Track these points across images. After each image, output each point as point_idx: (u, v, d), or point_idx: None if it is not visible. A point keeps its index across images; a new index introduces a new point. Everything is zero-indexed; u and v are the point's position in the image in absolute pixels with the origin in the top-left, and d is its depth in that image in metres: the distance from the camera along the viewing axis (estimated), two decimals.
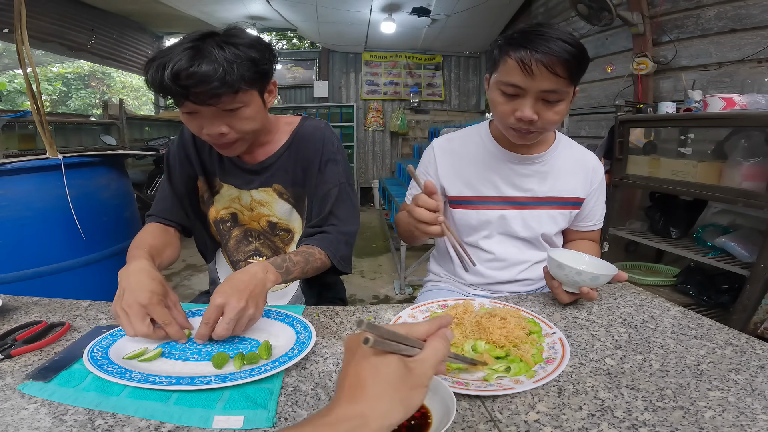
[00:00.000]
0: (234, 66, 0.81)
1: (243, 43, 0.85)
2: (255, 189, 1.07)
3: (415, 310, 0.85)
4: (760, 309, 1.66)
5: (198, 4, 4.90)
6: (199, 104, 0.83)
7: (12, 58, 6.07)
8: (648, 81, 2.87)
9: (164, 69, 0.78)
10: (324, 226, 1.03)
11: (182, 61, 0.78)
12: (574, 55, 0.86)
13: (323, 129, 1.08)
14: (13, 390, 0.60)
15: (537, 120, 0.92)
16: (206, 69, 0.78)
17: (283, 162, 1.06)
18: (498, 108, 0.97)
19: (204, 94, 0.80)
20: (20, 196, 1.54)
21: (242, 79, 0.83)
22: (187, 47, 0.80)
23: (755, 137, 1.80)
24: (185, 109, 0.87)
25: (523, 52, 0.87)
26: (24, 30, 1.57)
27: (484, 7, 4.71)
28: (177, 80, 0.78)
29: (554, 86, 0.88)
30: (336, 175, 1.05)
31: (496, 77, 0.96)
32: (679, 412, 0.55)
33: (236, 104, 0.86)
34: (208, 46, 0.80)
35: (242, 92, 0.85)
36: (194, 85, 0.79)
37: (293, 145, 1.06)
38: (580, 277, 0.85)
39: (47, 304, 0.91)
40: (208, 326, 0.71)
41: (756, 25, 2.23)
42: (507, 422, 0.54)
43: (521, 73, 0.88)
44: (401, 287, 3.21)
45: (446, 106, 6.91)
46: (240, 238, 1.13)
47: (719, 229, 2.05)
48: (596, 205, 1.16)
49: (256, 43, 0.88)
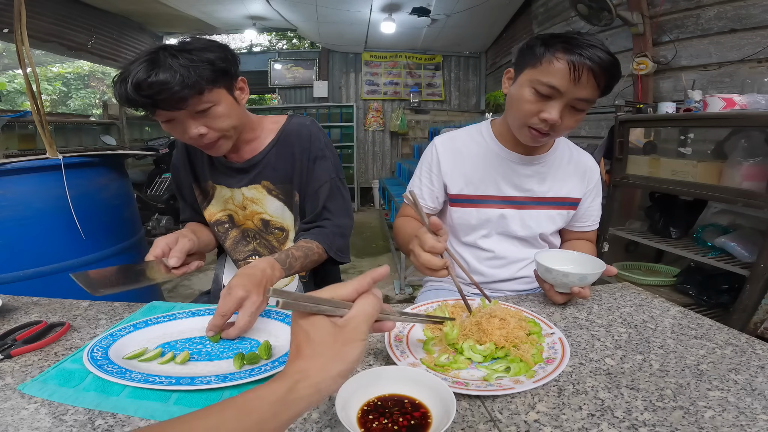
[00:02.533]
0: (190, 69, 0.85)
1: (196, 48, 0.89)
2: (245, 186, 1.10)
3: (415, 310, 0.85)
4: (760, 309, 1.66)
5: (198, 4, 4.90)
6: (170, 110, 0.88)
7: (12, 58, 6.07)
8: (648, 81, 2.87)
9: (126, 82, 0.83)
10: (319, 221, 1.07)
11: (140, 73, 0.82)
12: (616, 67, 0.87)
13: (309, 126, 1.10)
14: (13, 390, 0.60)
15: (559, 124, 0.91)
16: (163, 77, 0.82)
17: (271, 159, 1.09)
18: (523, 106, 0.93)
19: (170, 100, 0.85)
20: (20, 196, 1.54)
21: (201, 78, 0.86)
22: (144, 60, 0.84)
23: (755, 137, 1.79)
24: (161, 118, 0.91)
25: (576, 56, 0.85)
26: (24, 30, 1.57)
27: (483, 8, 4.72)
28: (140, 91, 0.83)
29: (590, 95, 0.88)
30: (326, 171, 1.08)
31: (532, 74, 0.91)
32: (678, 412, 0.55)
33: (205, 104, 0.90)
34: (162, 57, 0.85)
35: (208, 92, 0.89)
36: (157, 93, 0.83)
37: (280, 143, 1.09)
38: (568, 279, 0.86)
39: (47, 304, 0.91)
40: (225, 318, 0.73)
41: (756, 25, 2.23)
42: (507, 422, 0.54)
43: (568, 77, 0.86)
44: (401, 287, 3.21)
45: (446, 106, 6.92)
46: (238, 239, 1.15)
47: (719, 229, 2.05)
48: (592, 205, 1.16)
49: (210, 45, 0.92)
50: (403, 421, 0.50)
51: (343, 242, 1.09)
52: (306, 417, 0.55)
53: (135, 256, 1.95)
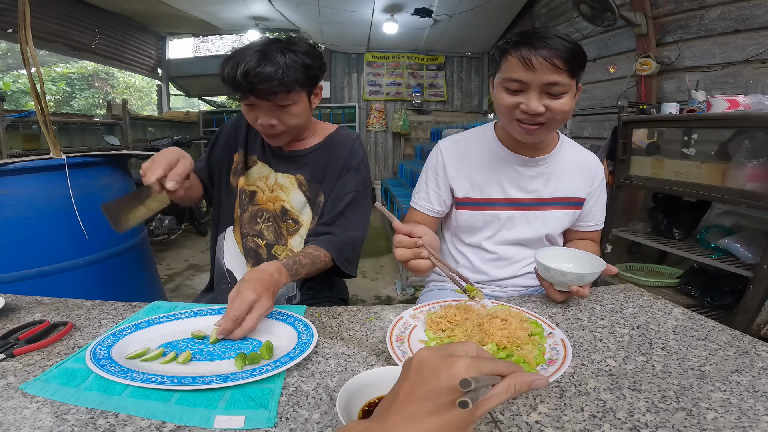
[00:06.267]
0: (291, 69, 0.95)
1: (301, 50, 0.99)
2: (281, 173, 1.17)
3: (417, 310, 0.85)
4: (764, 310, 1.66)
5: (201, 5, 4.92)
6: (260, 98, 0.98)
7: (16, 58, 6.11)
8: (651, 81, 2.86)
9: (237, 67, 0.93)
10: (332, 227, 1.09)
11: (252, 62, 0.93)
12: (570, 49, 0.90)
13: (354, 140, 1.19)
14: (16, 389, 0.60)
15: (543, 112, 0.94)
16: (270, 70, 0.93)
17: (312, 158, 1.16)
18: (503, 104, 0.98)
19: (265, 91, 0.95)
20: (24, 196, 1.54)
21: (296, 80, 0.97)
22: (257, 50, 0.95)
23: (759, 138, 1.79)
24: (247, 102, 1.01)
25: (522, 48, 0.91)
26: (28, 30, 1.58)
27: (486, 8, 4.71)
28: (246, 77, 0.93)
29: (556, 78, 0.91)
30: (355, 182, 1.14)
31: (499, 77, 0.98)
32: (681, 413, 0.55)
33: (288, 101, 1.00)
34: (273, 51, 0.95)
35: (294, 92, 1.00)
36: (259, 83, 0.94)
37: (324, 147, 1.17)
38: (566, 278, 0.87)
39: (50, 303, 0.92)
40: (237, 322, 0.74)
41: (760, 25, 2.22)
42: (508, 423, 0.54)
43: (523, 67, 0.91)
44: (403, 288, 3.21)
45: (448, 106, 6.91)
46: (253, 215, 1.20)
47: (723, 230, 2.04)
48: (596, 205, 1.16)
49: (311, 51, 1.03)
50: None
51: (353, 254, 1.12)
52: (307, 417, 0.55)
53: (138, 257, 1.96)
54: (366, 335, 0.78)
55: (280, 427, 0.54)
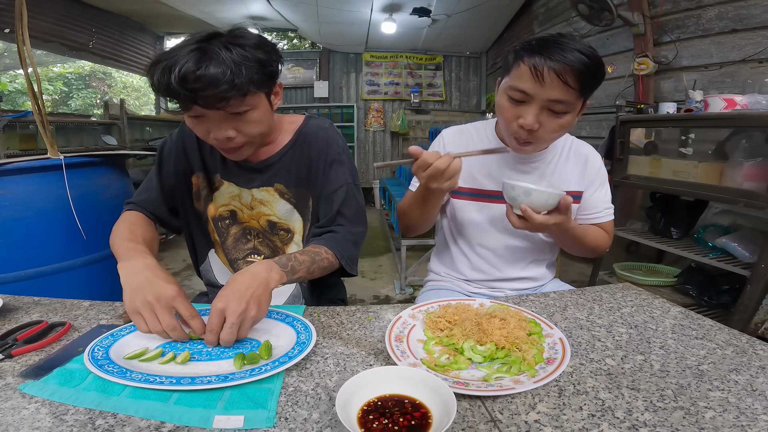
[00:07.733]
0: (242, 68, 0.78)
1: (249, 43, 0.82)
2: (256, 188, 1.05)
3: (415, 310, 0.85)
4: (761, 309, 1.66)
5: (199, 5, 4.91)
6: (207, 108, 0.81)
7: (13, 58, 6.08)
8: (649, 81, 2.87)
9: (170, 72, 0.75)
10: (332, 226, 1.01)
11: (189, 64, 0.75)
12: (588, 66, 0.85)
13: (327, 129, 1.06)
14: (14, 390, 0.60)
15: (537, 130, 0.92)
16: (214, 71, 0.76)
17: (286, 161, 1.04)
18: (503, 113, 0.96)
19: (212, 98, 0.78)
20: (21, 196, 1.54)
21: (251, 81, 0.80)
22: (193, 49, 0.77)
23: (756, 137, 1.79)
24: (192, 113, 0.84)
25: (537, 58, 0.86)
26: (25, 30, 1.58)
27: (484, 8, 4.71)
28: (185, 84, 0.76)
29: (562, 96, 0.87)
30: (342, 175, 1.03)
31: (506, 81, 0.95)
32: (679, 412, 0.55)
33: (244, 107, 0.84)
34: (214, 47, 0.78)
35: (250, 95, 0.83)
36: (202, 89, 0.77)
37: (297, 145, 1.04)
38: (514, 192, 0.87)
39: (48, 303, 0.91)
40: (214, 333, 0.70)
41: (757, 25, 2.23)
42: (507, 422, 0.54)
43: (531, 79, 0.87)
44: (402, 287, 3.21)
45: (447, 106, 6.92)
46: (238, 236, 1.10)
47: (720, 229, 2.05)
48: (597, 194, 1.12)
49: (262, 43, 0.85)
50: (403, 422, 0.50)
51: (355, 251, 1.03)
52: (306, 417, 0.55)
53: None
54: (365, 335, 0.78)
55: (279, 427, 0.53)
